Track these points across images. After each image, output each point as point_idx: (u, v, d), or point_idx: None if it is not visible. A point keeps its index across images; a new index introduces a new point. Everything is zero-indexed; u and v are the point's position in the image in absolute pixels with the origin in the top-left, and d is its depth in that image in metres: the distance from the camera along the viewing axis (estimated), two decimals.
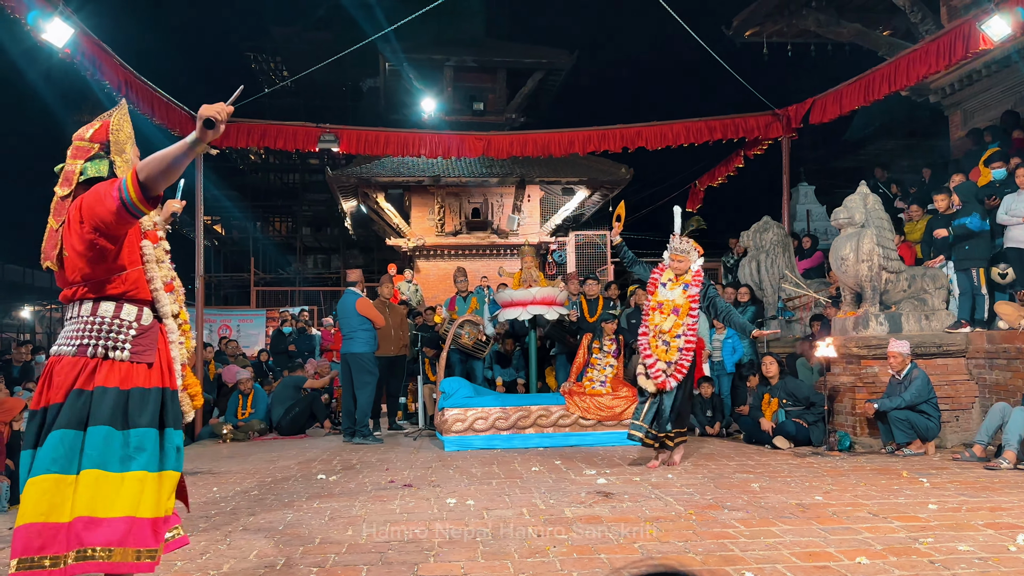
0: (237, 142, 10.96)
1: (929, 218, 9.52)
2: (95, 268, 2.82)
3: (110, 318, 2.87)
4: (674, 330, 6.40)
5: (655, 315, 6.53)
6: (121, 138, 2.99)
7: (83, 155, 2.93)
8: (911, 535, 4.02)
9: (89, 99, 22.27)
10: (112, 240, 2.76)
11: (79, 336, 2.85)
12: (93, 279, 2.85)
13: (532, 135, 12.39)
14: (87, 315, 2.87)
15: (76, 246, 2.78)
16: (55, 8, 7.14)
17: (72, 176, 2.88)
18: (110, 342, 2.85)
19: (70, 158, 2.95)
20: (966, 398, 7.65)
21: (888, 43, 13.97)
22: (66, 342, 2.87)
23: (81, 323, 2.87)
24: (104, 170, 2.91)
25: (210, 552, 4.00)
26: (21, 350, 12.36)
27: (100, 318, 2.87)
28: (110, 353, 2.84)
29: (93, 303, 2.88)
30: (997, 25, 7.75)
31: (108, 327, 2.86)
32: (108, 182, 2.75)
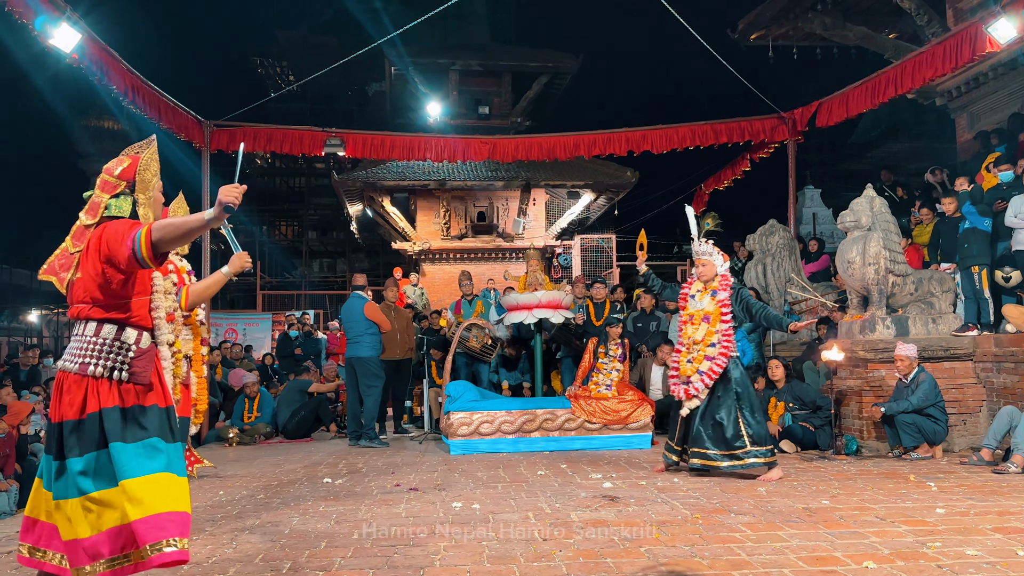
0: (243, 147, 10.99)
1: (936, 221, 9.50)
2: (104, 294, 3.00)
3: (111, 340, 3.02)
4: (707, 339, 6.17)
5: (687, 327, 6.33)
6: (147, 176, 3.19)
7: (110, 190, 3.11)
8: (918, 539, 4.01)
9: (96, 104, 22.45)
10: (123, 274, 2.97)
11: (81, 354, 3.00)
12: (100, 303, 3.01)
13: (537, 139, 12.40)
14: (90, 335, 3.02)
15: (90, 272, 2.98)
16: (62, 13, 7.17)
17: (98, 208, 3.07)
18: (110, 363, 2.99)
19: (98, 189, 3.12)
20: (973, 402, 7.62)
21: (894, 46, 13.94)
22: (71, 359, 3.02)
23: (84, 342, 3.02)
24: (127, 209, 3.08)
25: (216, 555, 4.00)
26: (28, 354, 12.41)
27: (102, 339, 3.01)
28: (111, 374, 2.99)
29: (97, 324, 3.03)
30: (1004, 28, 7.73)
31: (109, 348, 3.00)
32: (127, 225, 2.95)
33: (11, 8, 6.70)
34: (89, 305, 3.02)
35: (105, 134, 23.71)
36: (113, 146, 24.01)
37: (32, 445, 7.72)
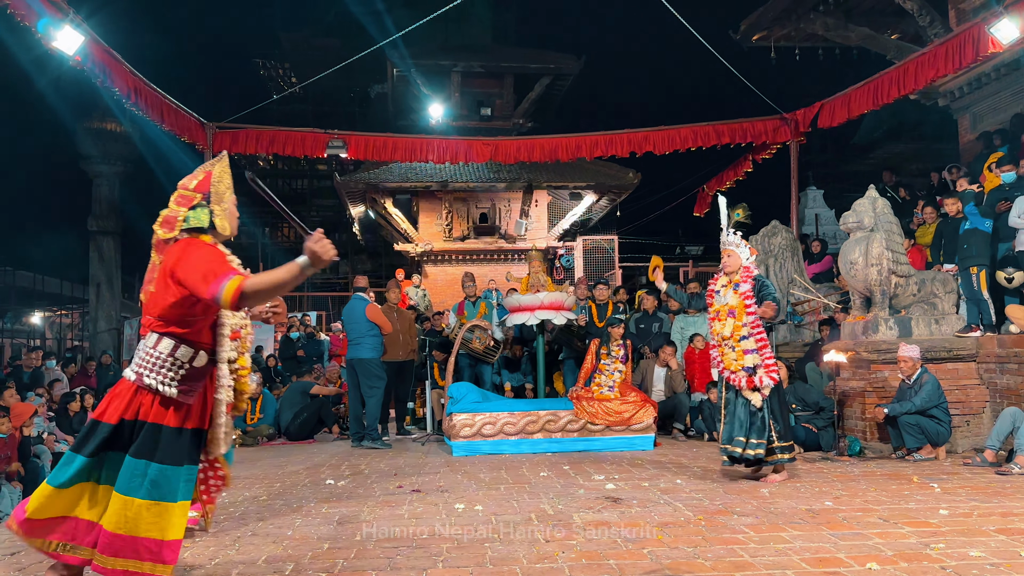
0: (246, 148, 11.01)
1: (939, 222, 9.48)
2: (170, 310, 3.08)
3: (165, 355, 3.10)
4: (736, 333, 6.07)
5: (715, 324, 6.25)
6: (221, 189, 3.27)
7: (186, 203, 3.20)
8: (922, 541, 4.00)
9: (99, 106, 22.47)
10: (194, 297, 3.04)
11: (139, 365, 3.11)
12: (164, 317, 3.09)
13: (539, 140, 12.40)
14: (149, 347, 3.12)
15: (160, 288, 3.09)
16: (65, 16, 7.19)
17: (175, 221, 3.16)
18: (160, 377, 3.08)
19: (174, 203, 3.21)
20: (977, 403, 7.60)
21: (896, 47, 13.92)
22: (131, 368, 3.14)
23: (144, 353, 3.12)
24: (205, 220, 3.18)
25: (219, 557, 4.00)
26: (31, 356, 12.43)
27: (158, 353, 3.10)
28: (160, 388, 3.08)
29: (157, 337, 3.12)
30: (1006, 28, 7.73)
31: (162, 363, 3.09)
32: (211, 260, 2.99)
33: (14, 10, 6.71)
34: (155, 318, 3.11)
35: (108, 136, 23.69)
36: (116, 148, 24.09)
37: (35, 447, 7.73)
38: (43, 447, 7.88)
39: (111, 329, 23.20)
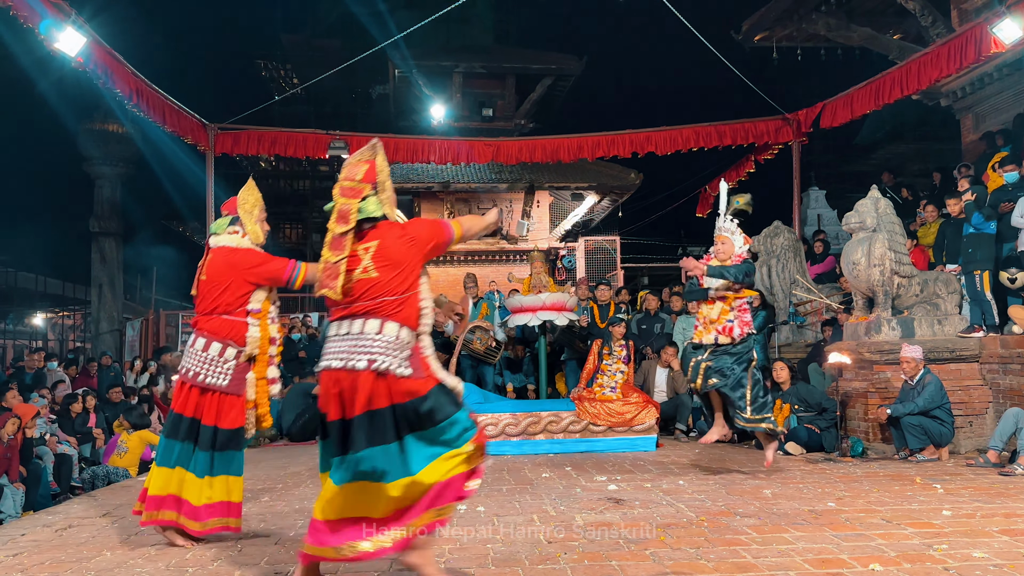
0: (247, 149, 11.02)
1: (941, 222, 9.47)
2: (408, 296, 3.19)
3: (403, 338, 3.19)
4: (722, 316, 6.18)
5: (703, 306, 6.34)
6: (382, 178, 3.33)
7: (356, 195, 3.24)
8: (925, 542, 3.99)
9: (101, 107, 22.46)
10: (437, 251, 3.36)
11: (378, 353, 3.15)
12: (399, 305, 3.19)
13: (541, 141, 12.40)
14: (392, 336, 3.13)
15: (396, 275, 3.19)
16: (68, 17, 7.19)
17: (349, 214, 3.19)
18: (399, 361, 3.15)
19: (342, 197, 3.24)
20: (980, 403, 7.59)
21: (899, 47, 13.90)
22: (362, 357, 3.11)
23: (384, 341, 3.16)
24: (378, 209, 3.24)
25: (222, 559, 4.00)
26: (34, 357, 12.44)
27: (392, 337, 3.14)
28: (398, 370, 3.16)
29: (381, 322, 3.15)
30: (1008, 28, 7.71)
31: (403, 347, 3.17)
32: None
33: (16, 12, 6.72)
34: (378, 301, 3.13)
35: (110, 137, 23.68)
36: (118, 149, 24.07)
37: (37, 448, 7.73)
38: (45, 448, 7.88)
39: (113, 330, 23.19)
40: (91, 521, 5.15)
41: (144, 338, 19.09)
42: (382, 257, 3.15)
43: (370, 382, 3.05)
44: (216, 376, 4.20)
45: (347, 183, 3.26)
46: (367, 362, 3.06)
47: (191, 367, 4.21)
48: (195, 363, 4.21)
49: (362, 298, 3.13)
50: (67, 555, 4.20)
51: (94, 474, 8.09)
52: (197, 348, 4.21)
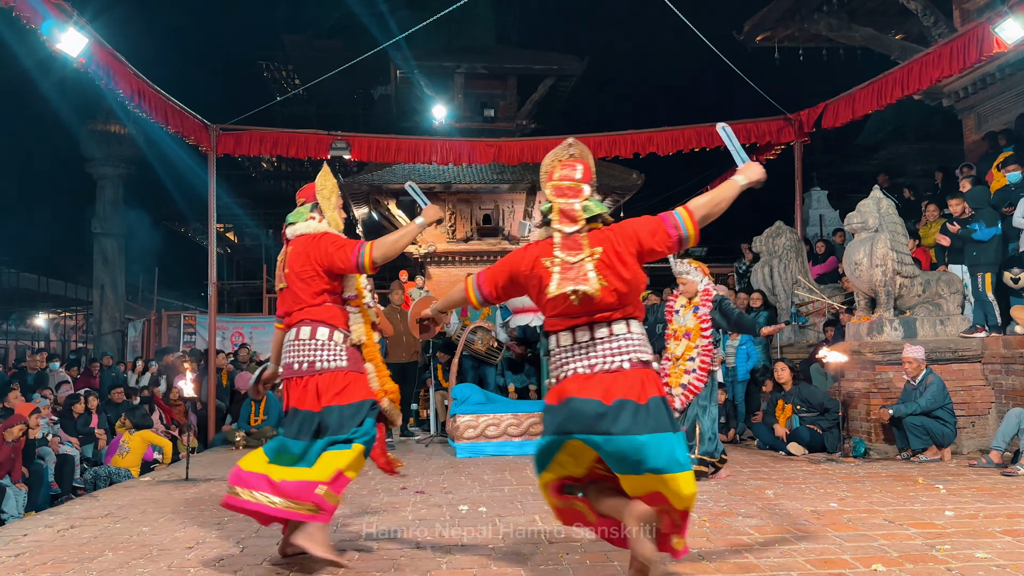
0: (249, 150, 11.01)
1: (943, 222, 9.45)
2: (632, 294, 3.17)
3: (641, 334, 3.21)
4: (686, 354, 6.32)
5: (671, 342, 6.47)
6: (594, 179, 3.35)
7: (577, 194, 3.19)
8: (928, 542, 3.99)
9: (103, 108, 22.48)
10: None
11: (633, 351, 3.13)
12: (624, 298, 3.13)
13: (543, 141, 12.38)
14: (637, 332, 3.14)
15: (627, 273, 3.10)
16: (69, 18, 7.19)
17: (574, 213, 3.13)
18: (649, 354, 3.22)
19: (560, 197, 3.18)
20: (982, 404, 7.58)
21: (901, 47, 13.89)
22: (624, 357, 3.07)
23: (635, 339, 3.15)
24: (599, 208, 3.20)
25: (223, 559, 4.00)
26: (36, 358, 12.44)
27: (638, 335, 3.17)
28: (655, 363, 3.24)
29: (635, 323, 3.17)
30: (1011, 28, 7.69)
31: (644, 342, 3.20)
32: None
33: (19, 13, 6.72)
34: (617, 305, 3.06)
35: (112, 138, 23.70)
36: (120, 150, 24.10)
37: (39, 448, 7.74)
38: (47, 448, 7.89)
39: (115, 331, 23.22)
40: (93, 521, 5.15)
41: (146, 339, 19.11)
42: (608, 264, 3.04)
43: (636, 375, 3.01)
44: (331, 360, 3.84)
45: (564, 182, 3.21)
46: (625, 361, 3.03)
47: (301, 358, 3.84)
48: (304, 352, 3.84)
49: (596, 305, 3.03)
50: (69, 555, 4.20)
51: (96, 475, 8.10)
52: (303, 338, 3.86)
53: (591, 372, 3.02)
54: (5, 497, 6.73)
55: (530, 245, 3.24)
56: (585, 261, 3.01)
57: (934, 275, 8.25)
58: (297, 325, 3.88)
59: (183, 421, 9.74)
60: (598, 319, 3.06)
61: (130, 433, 8.70)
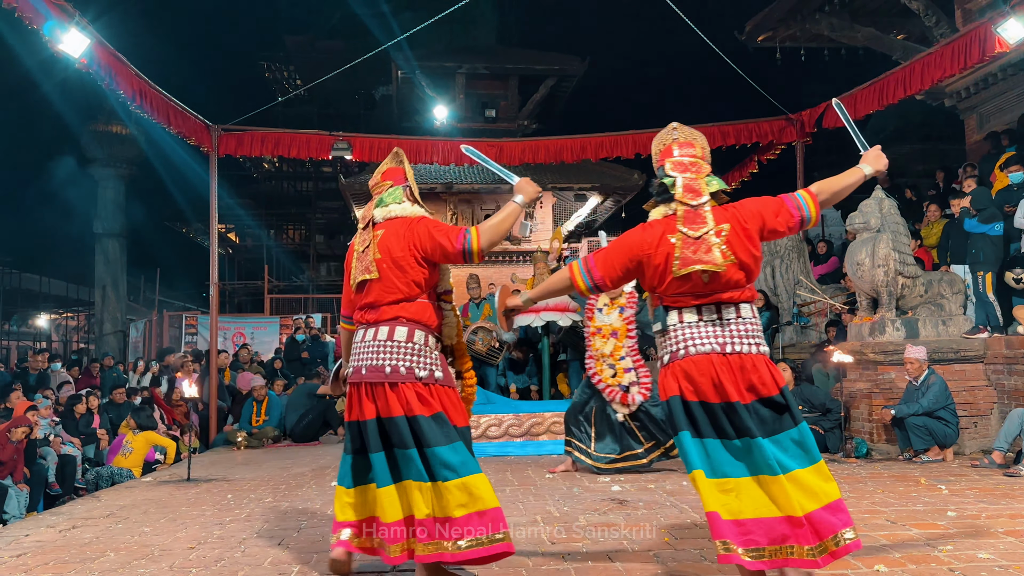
0: (251, 150, 11.02)
1: (945, 222, 9.45)
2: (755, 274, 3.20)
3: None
4: (616, 352, 6.63)
5: (596, 340, 6.75)
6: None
7: (699, 171, 3.21)
8: (930, 543, 3.98)
9: (104, 109, 22.50)
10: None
11: (740, 337, 3.15)
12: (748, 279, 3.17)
13: (544, 141, 12.39)
14: (754, 318, 3.17)
15: (753, 250, 3.12)
16: (71, 19, 7.20)
17: (698, 188, 3.14)
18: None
19: (684, 172, 3.19)
20: (984, 404, 7.57)
21: (902, 47, 13.88)
22: (723, 341, 3.10)
23: (750, 325, 3.16)
24: (721, 186, 3.19)
25: (225, 559, 4.00)
26: (38, 358, 12.45)
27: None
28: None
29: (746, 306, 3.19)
30: (1013, 28, 7.68)
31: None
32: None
33: (21, 13, 6.73)
34: (745, 282, 3.09)
35: (113, 139, 23.71)
36: (121, 151, 24.11)
37: (41, 448, 7.74)
38: (49, 449, 7.89)
39: (116, 331, 23.24)
40: (95, 522, 5.15)
41: (147, 339, 19.13)
42: (735, 239, 3.04)
43: (763, 363, 3.03)
44: (427, 367, 3.35)
45: (686, 158, 3.22)
46: (753, 345, 3.05)
47: (390, 361, 3.30)
48: (395, 355, 3.31)
49: (725, 283, 3.04)
50: (71, 556, 4.20)
51: (98, 475, 8.11)
52: (399, 339, 3.32)
53: (723, 353, 3.01)
54: (7, 497, 6.74)
55: (649, 224, 3.19)
56: (710, 235, 3.01)
57: (936, 275, 8.24)
58: (390, 323, 3.35)
59: (184, 421, 9.75)
60: (725, 298, 3.06)
61: (134, 434, 8.71)
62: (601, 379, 6.64)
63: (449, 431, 3.27)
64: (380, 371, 3.28)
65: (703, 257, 3.00)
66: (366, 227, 3.51)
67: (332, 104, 33.90)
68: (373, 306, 3.39)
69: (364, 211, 3.59)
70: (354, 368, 3.39)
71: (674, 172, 3.17)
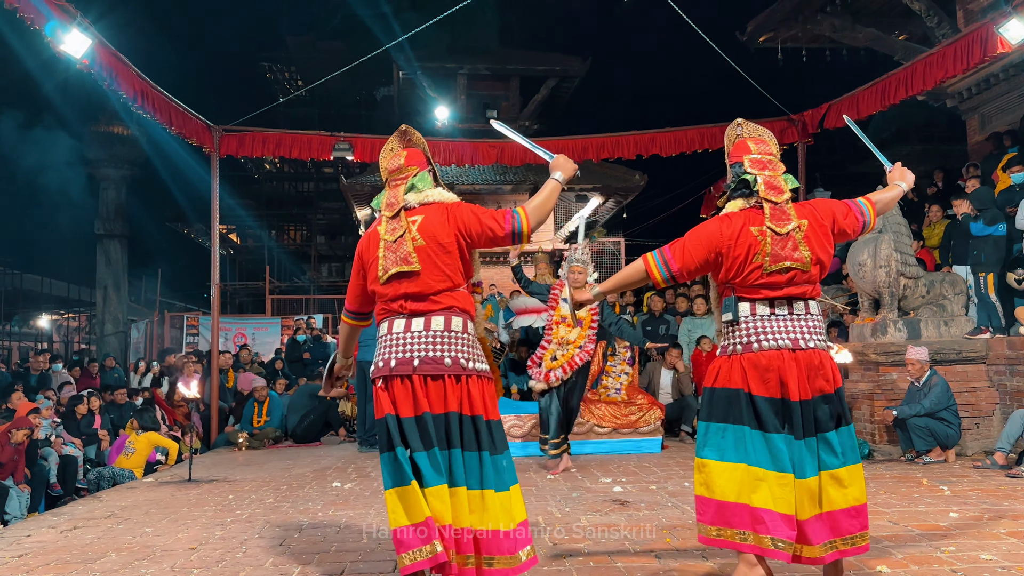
0: (252, 151, 11.02)
1: (947, 223, 9.43)
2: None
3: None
4: (578, 341, 6.74)
5: (560, 328, 6.83)
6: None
7: (775, 168, 3.24)
8: (932, 544, 3.97)
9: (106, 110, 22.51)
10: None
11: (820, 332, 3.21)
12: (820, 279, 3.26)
13: (546, 142, 12.37)
14: (819, 315, 3.22)
15: (827, 245, 3.19)
16: (73, 19, 7.20)
17: (778, 185, 3.16)
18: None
19: (764, 170, 3.20)
20: (986, 405, 7.56)
21: (904, 47, 13.86)
22: (803, 334, 3.14)
23: (815, 323, 3.19)
24: (796, 183, 3.24)
25: (226, 560, 4.00)
26: (39, 359, 12.46)
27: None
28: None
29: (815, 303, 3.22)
30: (1015, 28, 7.66)
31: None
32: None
33: (23, 14, 6.73)
34: (817, 278, 3.15)
35: (115, 140, 23.72)
36: (123, 152, 24.13)
37: (42, 449, 7.75)
38: (50, 449, 7.89)
39: (118, 332, 23.25)
40: (96, 522, 5.15)
41: (149, 340, 19.14)
42: (814, 236, 3.09)
43: (829, 360, 3.09)
44: (477, 359, 3.17)
45: (765, 156, 3.25)
46: (821, 341, 3.11)
47: (449, 353, 3.08)
48: (455, 346, 3.10)
49: (796, 279, 3.08)
50: (72, 556, 4.20)
51: (99, 475, 8.10)
52: (456, 329, 3.12)
53: (793, 349, 3.04)
54: (8, 498, 6.74)
55: (727, 216, 3.18)
56: (795, 232, 3.06)
57: (938, 276, 8.23)
58: (444, 312, 3.13)
59: (185, 422, 9.75)
60: (797, 293, 3.10)
61: (137, 434, 8.70)
62: (540, 358, 6.80)
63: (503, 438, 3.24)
64: (439, 362, 3.05)
65: (792, 255, 3.05)
66: (395, 215, 3.25)
67: (333, 105, 33.92)
68: (419, 296, 3.14)
69: (388, 198, 3.34)
70: (399, 360, 3.08)
71: (753, 169, 3.20)
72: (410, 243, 3.14)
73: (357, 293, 3.37)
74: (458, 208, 3.19)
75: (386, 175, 3.41)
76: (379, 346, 3.22)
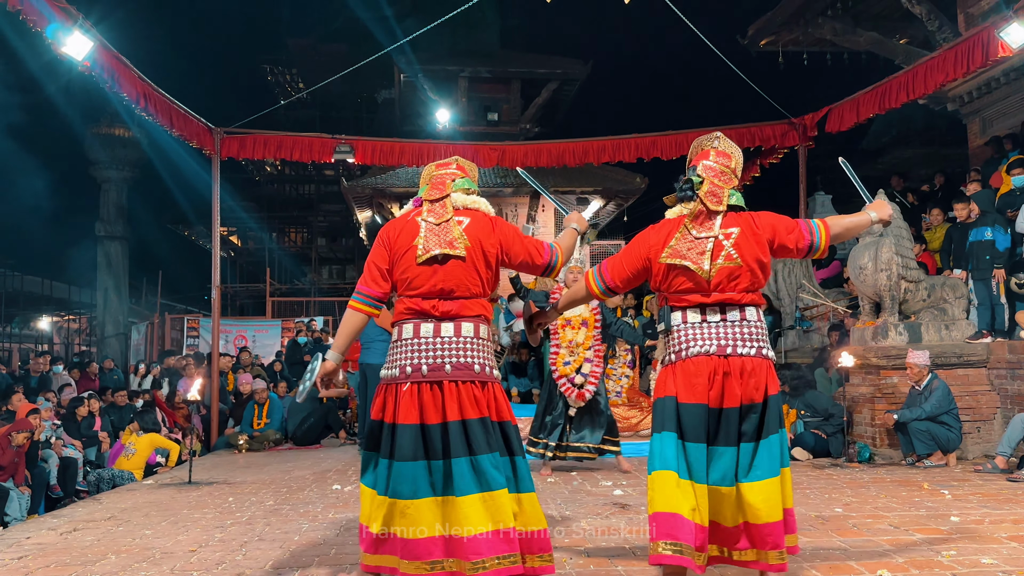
0: (253, 153, 11.02)
1: (948, 226, 9.43)
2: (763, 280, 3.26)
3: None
4: (586, 342, 6.73)
5: (567, 331, 6.80)
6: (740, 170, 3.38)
7: (727, 182, 3.26)
8: (933, 548, 3.97)
9: (107, 112, 22.55)
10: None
11: (760, 341, 3.22)
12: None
13: (546, 145, 12.37)
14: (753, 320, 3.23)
15: (760, 257, 3.22)
16: (75, 21, 7.21)
17: (720, 196, 3.19)
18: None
19: (716, 177, 3.24)
20: (987, 409, 7.55)
21: (905, 51, 13.87)
22: (748, 344, 3.17)
23: (757, 328, 3.22)
24: (740, 202, 3.24)
25: (226, 562, 3.99)
26: (39, 361, 12.45)
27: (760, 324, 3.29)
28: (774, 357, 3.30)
29: (754, 308, 3.22)
30: (1016, 32, 7.67)
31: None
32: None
33: (25, 16, 6.73)
34: (750, 287, 3.15)
35: (116, 141, 23.75)
36: (124, 153, 24.17)
37: (42, 451, 7.74)
38: (50, 451, 7.89)
39: (118, 334, 23.27)
40: (96, 524, 5.15)
41: (149, 342, 19.14)
42: (744, 243, 3.12)
43: (764, 369, 3.09)
44: (495, 366, 3.26)
45: (721, 166, 3.27)
46: (756, 349, 3.11)
47: (476, 359, 3.11)
48: (477, 352, 3.12)
49: (725, 287, 3.11)
50: (72, 558, 4.19)
51: (99, 477, 8.10)
52: (483, 336, 3.18)
53: (721, 356, 3.06)
54: (8, 500, 6.73)
55: (660, 224, 3.29)
56: (710, 240, 3.10)
57: (939, 280, 8.22)
58: (474, 320, 3.13)
59: (185, 424, 9.75)
60: (728, 300, 3.11)
61: (137, 436, 8.70)
62: (560, 371, 6.74)
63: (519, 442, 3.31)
64: (469, 368, 3.06)
65: (693, 256, 3.08)
66: (439, 199, 3.22)
67: (334, 107, 33.96)
68: (452, 294, 3.09)
69: (430, 188, 3.29)
70: (430, 366, 3.04)
71: (704, 173, 3.24)
72: (457, 229, 3.13)
73: (376, 275, 3.19)
74: (502, 224, 3.26)
75: (429, 178, 3.38)
76: (403, 349, 3.11)
